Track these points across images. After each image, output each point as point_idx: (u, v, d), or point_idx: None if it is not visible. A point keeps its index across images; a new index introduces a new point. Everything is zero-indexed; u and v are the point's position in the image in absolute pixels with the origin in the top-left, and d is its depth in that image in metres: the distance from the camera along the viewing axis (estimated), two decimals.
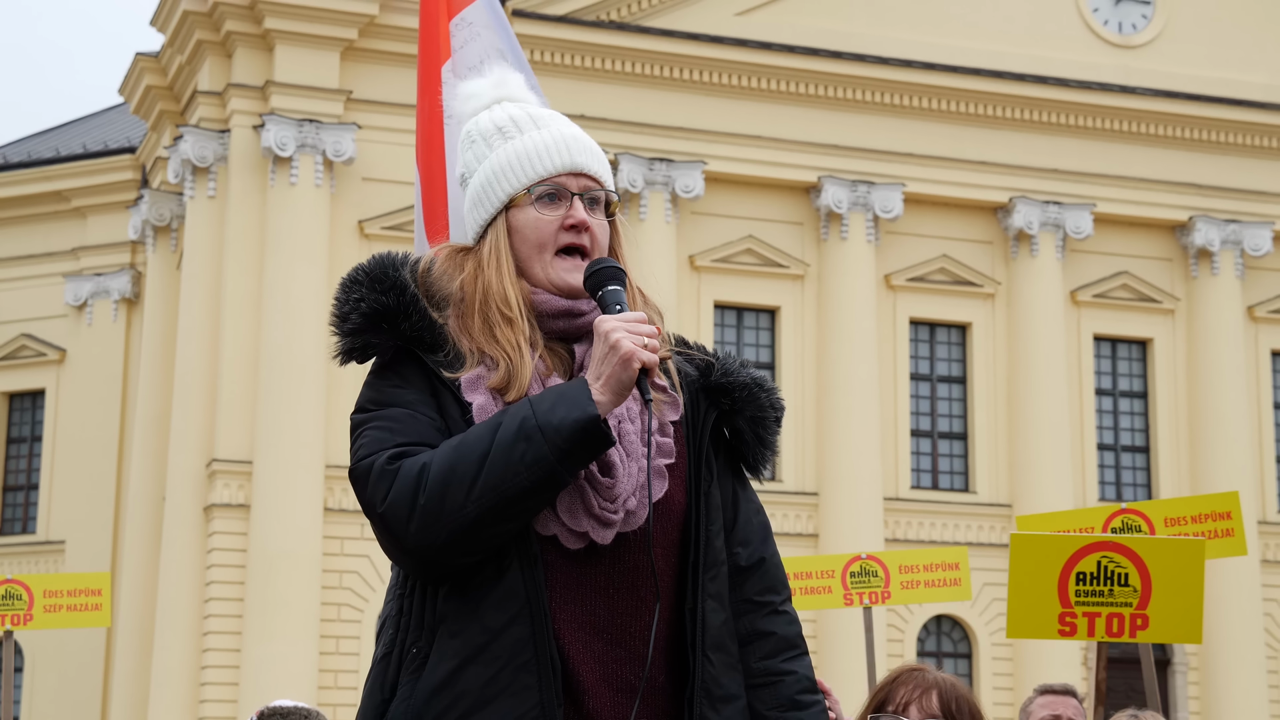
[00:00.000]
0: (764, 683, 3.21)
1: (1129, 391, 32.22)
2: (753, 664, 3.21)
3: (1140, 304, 32.13)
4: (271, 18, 28.05)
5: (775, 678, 3.21)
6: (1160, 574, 4.10)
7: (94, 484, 32.42)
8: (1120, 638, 4.18)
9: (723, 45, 30.12)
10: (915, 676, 4.16)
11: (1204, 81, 32.54)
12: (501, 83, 3.37)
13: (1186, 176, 32.19)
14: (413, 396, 3.12)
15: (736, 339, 30.30)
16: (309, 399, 27.07)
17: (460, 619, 3.05)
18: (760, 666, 3.21)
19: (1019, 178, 31.31)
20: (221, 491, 27.32)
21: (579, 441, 2.98)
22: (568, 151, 3.23)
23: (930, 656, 30.21)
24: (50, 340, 33.57)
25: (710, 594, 3.15)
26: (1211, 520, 7.29)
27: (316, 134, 27.94)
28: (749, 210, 30.46)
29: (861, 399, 29.71)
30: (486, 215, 3.24)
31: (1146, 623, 4.14)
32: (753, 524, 3.29)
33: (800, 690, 3.21)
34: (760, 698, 3.20)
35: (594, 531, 3.07)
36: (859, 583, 9.00)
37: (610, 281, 3.13)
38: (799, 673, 3.22)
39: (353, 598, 27.40)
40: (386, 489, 3.02)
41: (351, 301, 3.15)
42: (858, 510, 29.38)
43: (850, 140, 30.61)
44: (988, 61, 31.39)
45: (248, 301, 27.75)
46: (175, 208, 30.68)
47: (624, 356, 3.00)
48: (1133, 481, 31.90)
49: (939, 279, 31.22)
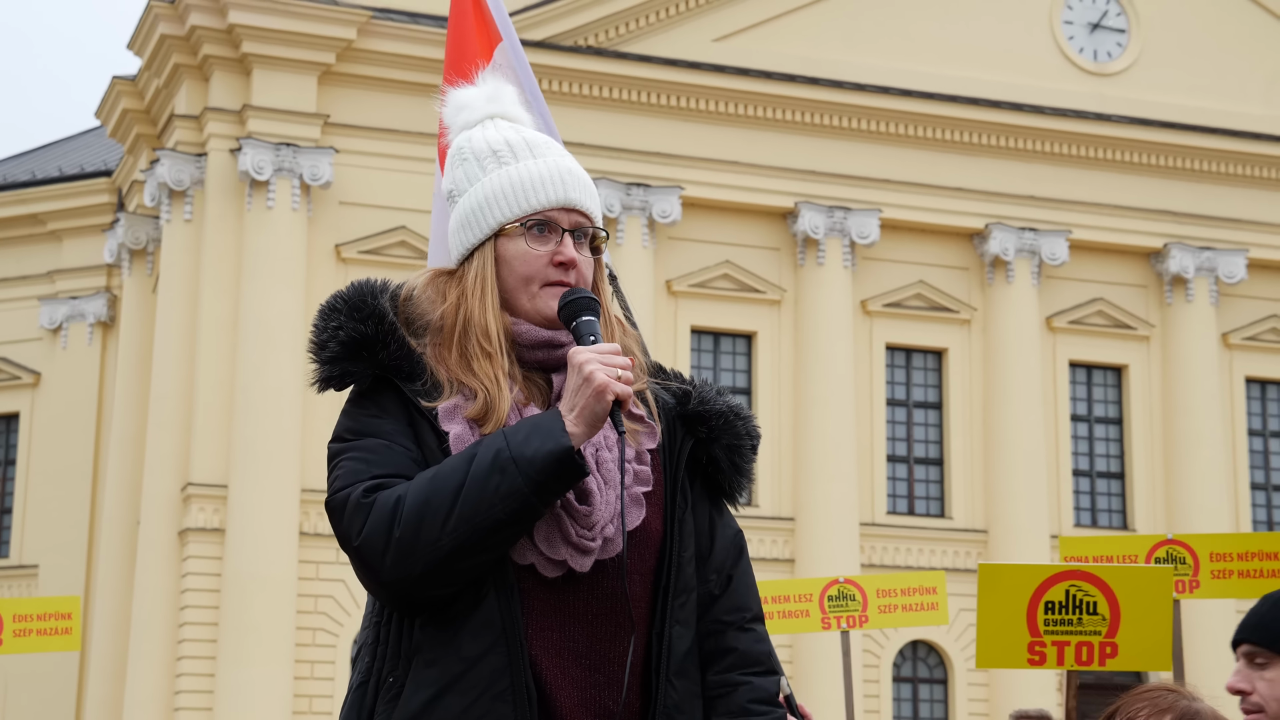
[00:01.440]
0: (718, 694, 3.20)
1: (1104, 417, 32.30)
2: (710, 677, 3.21)
3: (1115, 330, 32.23)
4: (249, 42, 28.05)
5: (729, 688, 3.20)
6: (1129, 602, 4.11)
7: (68, 508, 32.28)
8: (1090, 666, 4.19)
9: (700, 71, 30.19)
10: (1158, 697, 3.74)
11: (1179, 109, 32.69)
12: (495, 96, 3.35)
13: (1161, 204, 32.32)
14: (390, 426, 3.12)
15: (713, 364, 30.31)
16: (285, 423, 27.00)
17: (436, 648, 3.05)
18: (717, 679, 3.21)
19: (995, 204, 31.41)
20: (196, 515, 27.23)
21: (553, 473, 2.99)
22: (563, 186, 3.22)
23: (906, 682, 30.21)
24: (25, 364, 33.45)
25: (678, 620, 3.16)
26: (1259, 559, 7.25)
27: (293, 158, 27.92)
28: (726, 235, 30.50)
29: (838, 424, 29.73)
30: (474, 240, 3.22)
31: (1116, 650, 4.15)
32: (727, 548, 3.29)
33: (752, 699, 3.20)
34: (714, 708, 3.19)
35: (572, 560, 3.08)
36: (837, 606, 9.00)
37: (584, 312, 3.14)
38: (754, 684, 3.21)
39: (328, 622, 27.31)
40: (362, 522, 3.02)
41: (330, 329, 3.15)
42: (834, 535, 29.37)
43: (827, 166, 30.69)
44: (964, 88, 31.50)
45: (224, 325, 27.69)
46: (151, 231, 30.61)
47: (597, 389, 3.01)
48: (1108, 507, 31.95)
49: (915, 305, 31.28)
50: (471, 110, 3.33)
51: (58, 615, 8.91)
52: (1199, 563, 7.28)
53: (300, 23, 28.11)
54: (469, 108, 3.34)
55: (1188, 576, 7.29)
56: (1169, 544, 7.28)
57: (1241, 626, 3.71)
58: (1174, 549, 7.26)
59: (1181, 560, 7.24)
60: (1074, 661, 4.16)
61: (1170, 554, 7.24)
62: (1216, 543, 7.37)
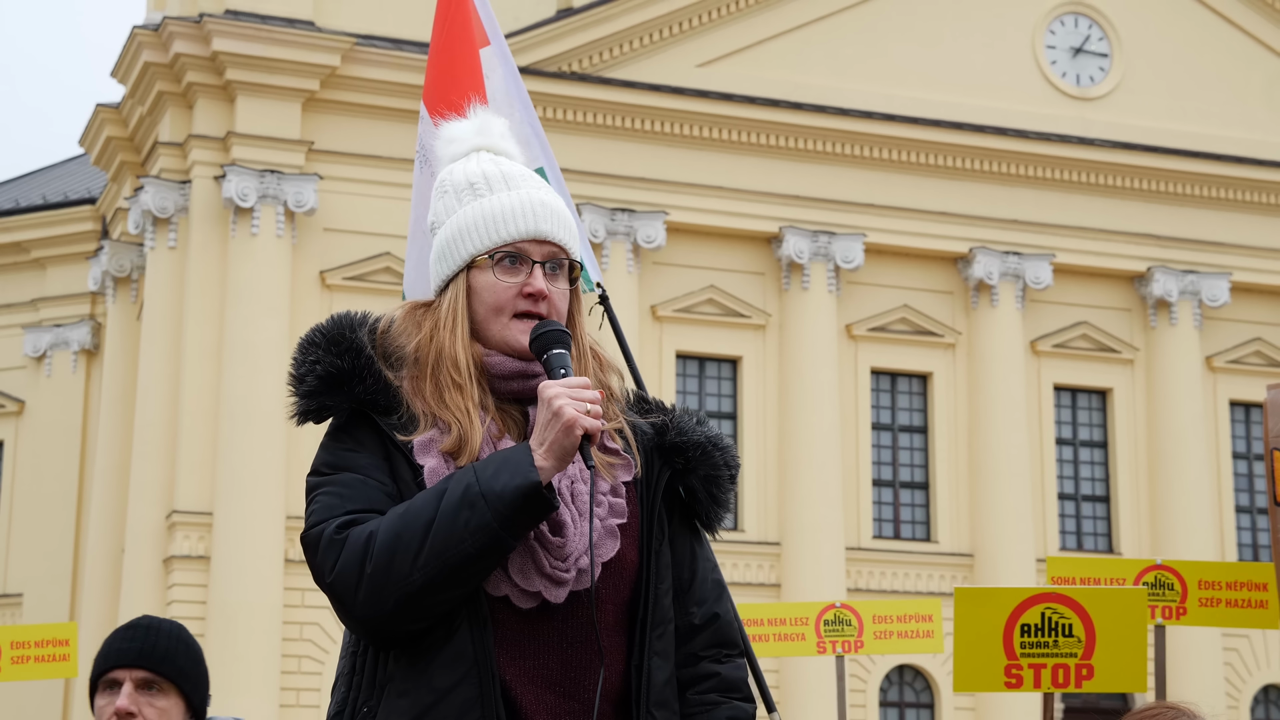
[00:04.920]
0: (697, 711, 3.24)
1: (1089, 441, 32.35)
2: (690, 696, 3.24)
3: (1100, 354, 32.30)
4: (233, 69, 28.08)
5: (710, 706, 3.24)
6: (1104, 624, 4.13)
7: (53, 536, 32.19)
8: (1066, 688, 4.20)
9: (684, 96, 30.26)
10: (1159, 714, 3.64)
11: (1161, 133, 32.81)
12: (484, 129, 3.38)
13: (1145, 227, 32.42)
14: (365, 461, 3.15)
15: (698, 389, 30.33)
16: (270, 450, 26.97)
17: (408, 679, 3.08)
18: (697, 699, 3.24)
19: (979, 228, 31.49)
20: (181, 543, 27.18)
21: (520, 507, 3.01)
22: (533, 218, 3.23)
23: (893, 707, 30.19)
24: (9, 392, 33.38)
25: (656, 651, 3.18)
26: (1247, 589, 7.27)
27: (278, 184, 27.93)
28: (711, 260, 30.54)
29: (823, 449, 29.75)
30: (449, 272, 3.26)
31: (1092, 672, 4.16)
32: (708, 582, 3.32)
33: (730, 717, 3.24)
34: None
35: (547, 591, 3.10)
36: (833, 631, 9.00)
37: (555, 345, 3.15)
38: (735, 705, 3.25)
39: (313, 650, 27.26)
40: (335, 559, 3.07)
41: (308, 363, 3.19)
42: (820, 560, 29.37)
43: (811, 191, 30.75)
44: (947, 113, 31.60)
45: (208, 352, 27.67)
46: (135, 259, 30.60)
47: (566, 424, 3.03)
48: (1093, 531, 31.98)
49: (900, 329, 31.34)
50: (460, 143, 3.37)
51: (55, 642, 8.95)
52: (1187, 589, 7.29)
53: (284, 49, 28.15)
54: (458, 140, 3.38)
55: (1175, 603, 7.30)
56: (1158, 569, 7.29)
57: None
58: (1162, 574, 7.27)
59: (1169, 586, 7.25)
60: (1050, 684, 4.17)
61: (1159, 579, 7.25)
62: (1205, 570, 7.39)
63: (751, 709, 3.27)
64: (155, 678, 4.02)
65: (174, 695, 4.04)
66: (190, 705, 4.07)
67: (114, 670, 4.03)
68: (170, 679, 4.03)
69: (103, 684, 4.06)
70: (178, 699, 4.05)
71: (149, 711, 4.00)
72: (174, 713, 4.04)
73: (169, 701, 4.03)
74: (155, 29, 28.40)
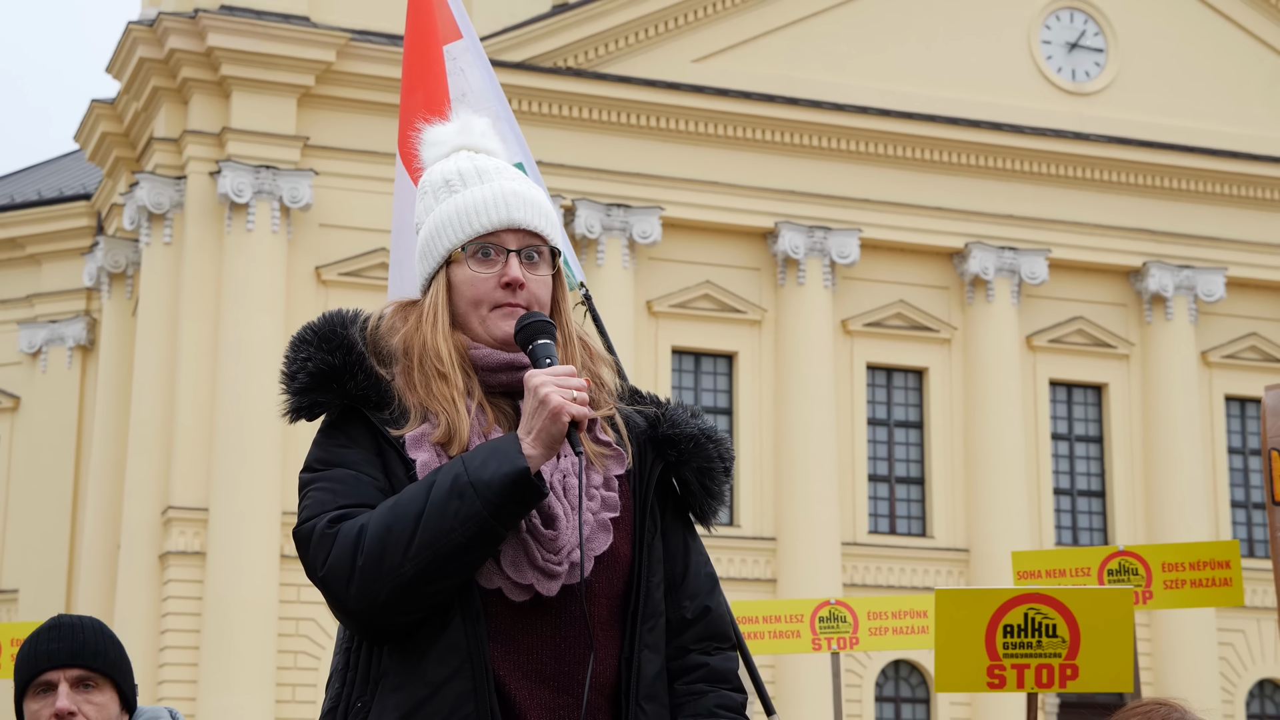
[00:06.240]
0: (686, 700, 3.24)
1: (1085, 436, 32.36)
2: (678, 686, 3.24)
3: (1095, 349, 32.31)
4: (228, 64, 28.05)
5: (698, 695, 3.24)
6: (1088, 624, 4.12)
7: (48, 531, 32.19)
8: (1050, 688, 4.20)
9: (679, 92, 30.24)
10: (1150, 711, 3.63)
11: (1157, 128, 32.81)
12: (465, 129, 3.39)
13: (1140, 222, 32.43)
14: (358, 456, 3.16)
15: (694, 384, 30.33)
16: (265, 446, 26.96)
17: (402, 674, 3.08)
18: (684, 689, 3.24)
19: (975, 223, 31.49)
20: (177, 539, 27.18)
21: (510, 495, 3.01)
22: (505, 208, 3.24)
23: (888, 701, 30.20)
24: (3, 388, 33.37)
25: (647, 644, 3.19)
26: (1210, 569, 7.30)
27: (273, 180, 27.91)
28: (706, 256, 30.54)
29: (819, 444, 29.76)
30: (429, 269, 3.27)
31: (1076, 673, 4.16)
32: (701, 576, 3.32)
33: (719, 705, 3.24)
34: (681, 710, 3.23)
35: (539, 584, 3.11)
36: (828, 628, 9.01)
37: (540, 335, 3.16)
38: (723, 693, 3.25)
39: (309, 645, 27.26)
40: (326, 552, 3.08)
41: (299, 361, 3.20)
42: (816, 555, 29.38)
43: (807, 186, 30.75)
44: (943, 108, 31.59)
45: (204, 348, 27.66)
46: (131, 254, 30.58)
47: (553, 411, 3.03)
48: (1089, 525, 32.00)
49: (896, 324, 31.34)
50: (442, 145, 3.39)
51: None
52: (1151, 574, 7.33)
53: (279, 45, 28.13)
54: (440, 143, 3.39)
55: (1141, 587, 7.36)
56: (1121, 555, 7.34)
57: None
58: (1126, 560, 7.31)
59: (1134, 571, 7.29)
60: (1034, 684, 4.17)
61: (1123, 565, 7.29)
62: (1168, 553, 7.43)
63: (742, 699, 3.27)
64: (90, 674, 4.01)
65: (109, 690, 4.04)
66: (122, 697, 4.07)
67: (46, 673, 4.01)
68: (104, 673, 4.03)
69: (33, 688, 4.03)
70: (113, 693, 4.05)
71: (88, 709, 3.99)
72: (110, 707, 4.04)
73: (105, 696, 4.03)
74: (150, 24, 28.38)
